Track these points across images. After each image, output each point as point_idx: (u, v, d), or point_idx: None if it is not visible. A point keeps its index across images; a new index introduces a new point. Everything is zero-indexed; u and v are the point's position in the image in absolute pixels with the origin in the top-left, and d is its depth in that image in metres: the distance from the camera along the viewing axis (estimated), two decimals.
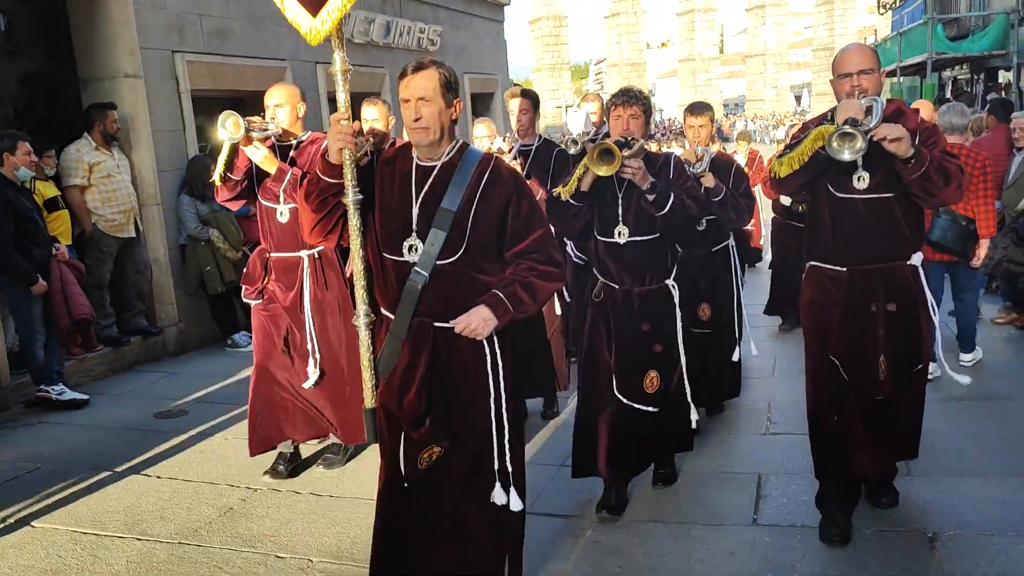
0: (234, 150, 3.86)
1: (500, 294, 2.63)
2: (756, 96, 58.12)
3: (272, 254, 4.11)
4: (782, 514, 3.58)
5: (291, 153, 4.04)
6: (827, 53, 52.63)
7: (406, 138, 3.42)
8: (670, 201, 3.48)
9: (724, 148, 6.08)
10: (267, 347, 4.13)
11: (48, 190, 5.83)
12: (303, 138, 4.11)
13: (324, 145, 3.93)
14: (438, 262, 2.61)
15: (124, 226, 6.35)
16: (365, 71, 10.26)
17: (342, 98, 2.66)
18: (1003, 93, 14.45)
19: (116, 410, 5.47)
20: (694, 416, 3.79)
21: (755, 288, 7.81)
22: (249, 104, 6.73)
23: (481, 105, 14.17)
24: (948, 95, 17.75)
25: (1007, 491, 3.62)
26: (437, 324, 2.64)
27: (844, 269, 3.28)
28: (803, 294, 3.50)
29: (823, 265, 3.36)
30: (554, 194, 3.60)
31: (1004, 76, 15.52)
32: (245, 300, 4.24)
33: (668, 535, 3.46)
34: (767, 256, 8.76)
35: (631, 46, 57.92)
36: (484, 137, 4.82)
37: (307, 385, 4.07)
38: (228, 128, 3.74)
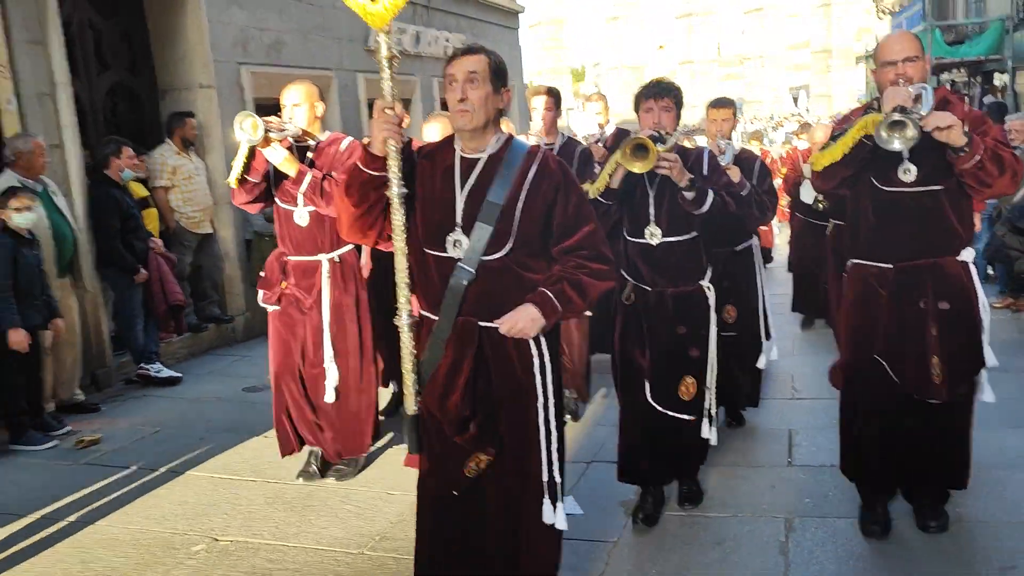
0: (252, 152, 3.75)
1: (548, 292, 2.52)
2: (755, 98, 58.75)
3: (290, 257, 4.01)
4: (813, 457, 4.17)
5: (309, 154, 3.94)
6: (825, 55, 53.25)
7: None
8: (710, 198, 3.35)
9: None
10: (282, 356, 4.09)
11: (140, 190, 6.47)
12: (322, 138, 4.01)
13: (341, 147, 3.86)
14: (484, 258, 2.51)
15: (202, 223, 6.99)
16: (399, 78, 10.90)
17: (388, 87, 2.54)
18: (999, 95, 15.16)
19: (207, 386, 6.12)
20: (712, 435, 3.60)
21: (770, 287, 8.08)
22: None
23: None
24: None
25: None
26: (483, 324, 2.53)
27: (890, 266, 3.12)
28: (845, 294, 3.37)
29: (866, 262, 3.21)
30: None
31: (1000, 79, 16.20)
32: (263, 304, 4.14)
33: (715, 474, 4.02)
34: (778, 256, 9.01)
35: (631, 49, 58.53)
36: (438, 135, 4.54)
37: (327, 400, 4.02)
38: (246, 129, 3.63)
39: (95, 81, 6.73)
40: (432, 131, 4.32)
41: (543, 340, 2.58)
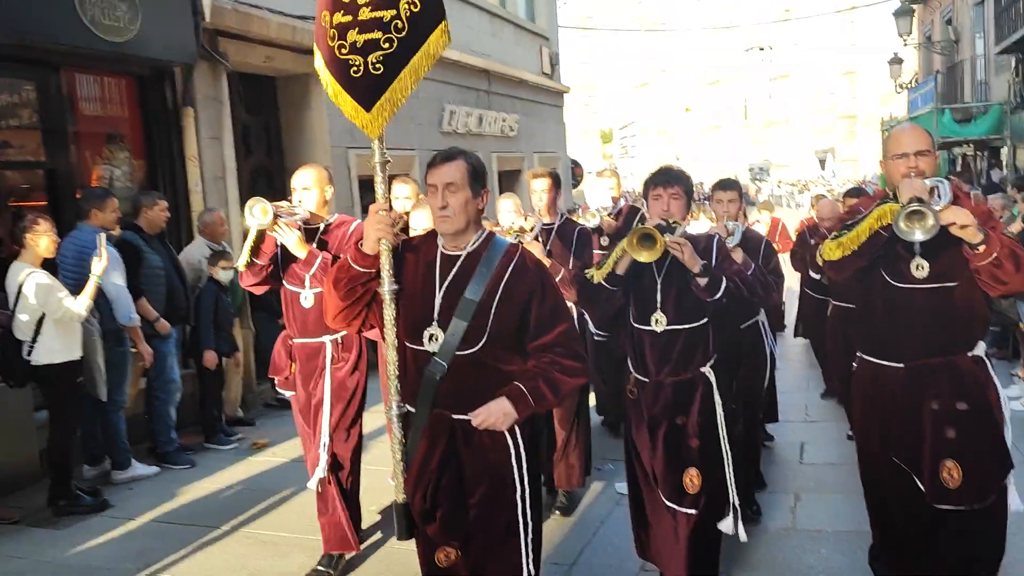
0: (261, 235, 3.80)
1: (523, 388, 2.58)
2: (781, 161, 60.14)
3: (296, 340, 4.03)
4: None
5: (320, 236, 3.97)
6: (850, 120, 54.79)
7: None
8: (723, 284, 3.32)
9: (747, 215, 6.36)
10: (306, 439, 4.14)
11: None
12: (331, 220, 4.04)
13: (349, 231, 3.87)
14: (458, 352, 2.57)
15: None
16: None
17: (380, 189, 2.72)
18: (1002, 169, 16.59)
19: None
20: (739, 530, 3.46)
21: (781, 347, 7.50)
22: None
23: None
24: (958, 169, 19.94)
25: None
26: (455, 416, 2.59)
27: (901, 365, 3.04)
28: (854, 391, 3.31)
29: (876, 360, 3.14)
30: (587, 275, 3.51)
31: (1005, 153, 17.65)
32: (280, 390, 4.23)
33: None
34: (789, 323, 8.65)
35: (659, 113, 60.55)
36: (510, 212, 4.89)
37: (309, 485, 4.02)
38: (256, 215, 3.69)
39: (243, 164, 8.43)
40: (505, 205, 4.89)
41: (518, 432, 2.62)
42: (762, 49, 55.47)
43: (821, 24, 49.63)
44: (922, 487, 3.01)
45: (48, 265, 5.04)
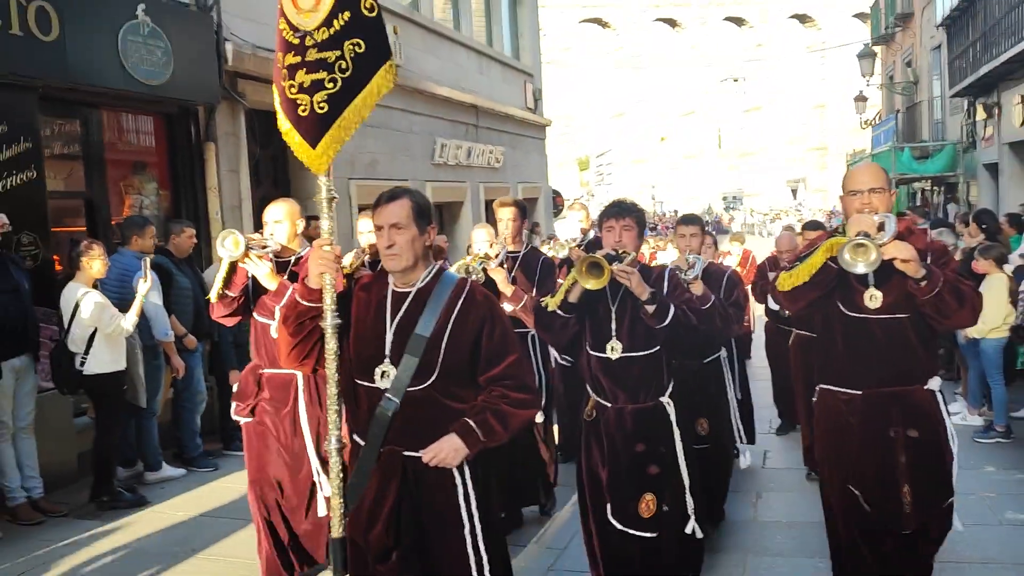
0: (233, 267, 3.83)
1: (471, 423, 2.59)
2: (754, 191, 61.42)
3: (265, 370, 4.04)
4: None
5: (291, 268, 4.00)
6: (821, 152, 56.38)
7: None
8: (671, 312, 3.40)
9: (718, 245, 6.67)
10: (257, 469, 4.08)
11: None
12: (302, 253, 4.05)
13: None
14: (409, 389, 2.58)
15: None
16: (454, 185, 13.37)
17: (326, 224, 2.74)
18: (958, 204, 17.64)
19: None
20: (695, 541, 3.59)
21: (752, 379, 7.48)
22: None
23: (528, 209, 17.27)
24: (918, 203, 21.04)
25: None
26: (407, 453, 2.59)
27: (858, 392, 3.15)
28: (816, 420, 3.42)
29: (835, 388, 3.25)
30: (542, 304, 3.57)
31: (961, 189, 18.72)
32: (235, 417, 4.17)
33: None
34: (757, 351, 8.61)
35: (636, 143, 61.65)
36: (484, 242, 4.91)
37: (321, 512, 3.90)
38: (228, 247, 3.70)
39: (253, 193, 9.08)
40: (479, 235, 4.92)
41: (467, 468, 2.63)
42: (736, 80, 56.94)
43: (793, 60, 51.28)
44: (877, 510, 3.12)
45: None
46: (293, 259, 4.05)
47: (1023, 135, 13.11)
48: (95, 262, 5.51)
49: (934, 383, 3.20)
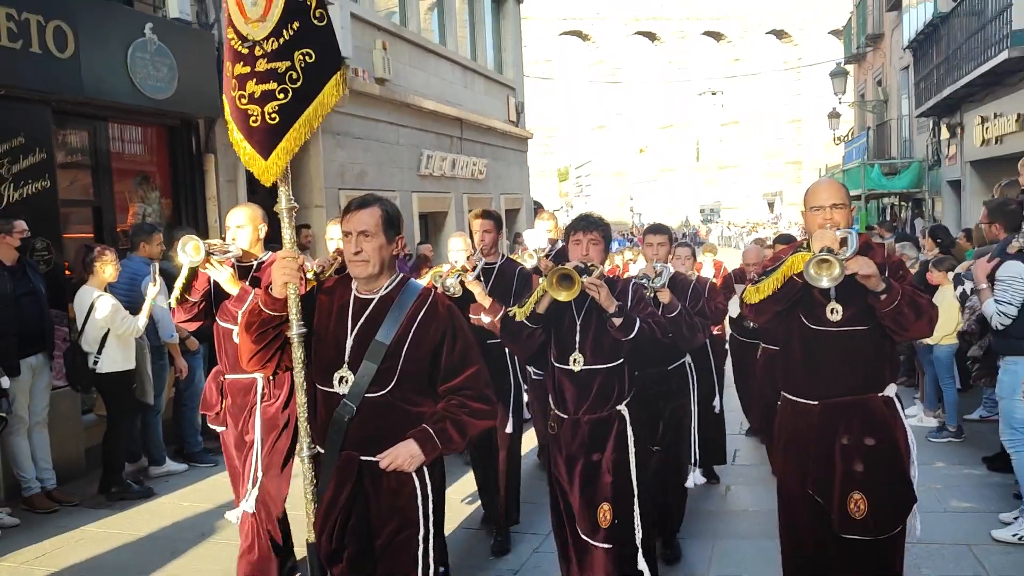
0: (193, 273, 3.84)
1: (430, 430, 2.63)
2: (731, 203, 62.16)
3: (227, 376, 4.07)
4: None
5: (252, 273, 3.99)
6: (796, 167, 57.17)
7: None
8: (637, 325, 3.45)
9: (696, 256, 6.17)
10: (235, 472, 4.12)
11: None
12: (263, 258, 4.05)
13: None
14: (367, 395, 2.61)
15: None
16: (439, 195, 13.78)
17: (287, 234, 2.77)
18: (923, 218, 18.31)
19: None
20: (645, 570, 3.54)
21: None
22: None
23: (511, 219, 17.70)
24: (887, 217, 21.74)
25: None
26: (364, 458, 2.63)
27: (816, 403, 3.24)
28: (776, 429, 3.50)
29: (795, 398, 3.34)
30: (509, 314, 3.60)
31: (927, 204, 19.42)
32: (211, 426, 4.23)
33: None
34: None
35: (615, 155, 62.31)
36: (460, 251, 4.98)
37: (230, 517, 4.00)
38: (188, 252, 3.70)
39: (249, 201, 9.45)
40: (455, 244, 5.02)
41: (426, 472, 2.68)
42: (714, 94, 57.74)
43: (770, 75, 52.19)
44: (832, 517, 3.17)
45: None
46: (255, 264, 4.05)
47: (984, 154, 13.72)
48: (108, 267, 5.86)
49: (890, 390, 3.28)
